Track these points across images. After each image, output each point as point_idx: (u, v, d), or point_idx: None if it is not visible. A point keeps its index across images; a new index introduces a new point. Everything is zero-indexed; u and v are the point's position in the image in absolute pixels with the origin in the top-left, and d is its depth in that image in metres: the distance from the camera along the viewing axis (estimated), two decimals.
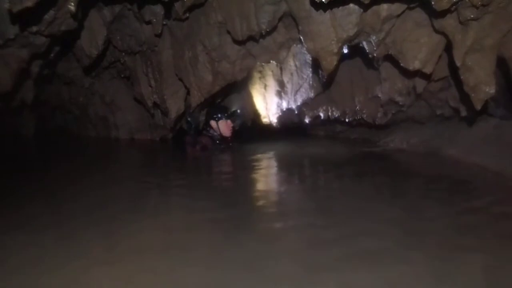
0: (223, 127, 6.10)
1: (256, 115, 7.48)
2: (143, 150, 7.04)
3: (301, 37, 4.22)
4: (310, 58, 5.67)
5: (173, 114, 6.00)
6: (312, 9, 3.92)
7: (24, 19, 3.83)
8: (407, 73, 4.64)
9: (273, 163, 5.35)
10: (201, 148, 6.08)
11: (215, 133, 6.18)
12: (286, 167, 5.04)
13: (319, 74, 5.84)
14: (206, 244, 2.34)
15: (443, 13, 3.45)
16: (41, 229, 2.61)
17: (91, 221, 2.75)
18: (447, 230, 2.44)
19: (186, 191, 3.68)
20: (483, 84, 3.57)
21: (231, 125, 6.14)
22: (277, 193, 3.75)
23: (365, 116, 6.04)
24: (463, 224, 2.55)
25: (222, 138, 6.17)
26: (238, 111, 6.66)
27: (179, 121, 6.68)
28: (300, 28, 4.15)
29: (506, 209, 2.85)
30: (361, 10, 3.84)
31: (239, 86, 6.44)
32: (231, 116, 6.29)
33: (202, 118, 6.47)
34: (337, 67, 4.37)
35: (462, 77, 3.67)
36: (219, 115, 6.07)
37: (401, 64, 4.30)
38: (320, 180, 4.33)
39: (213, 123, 6.10)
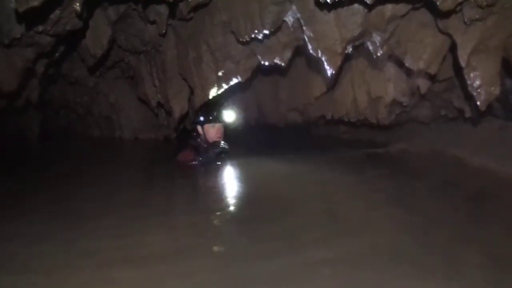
0: (211, 132, 4.93)
1: (260, 114, 7.49)
2: (148, 150, 7.06)
3: (305, 37, 4.23)
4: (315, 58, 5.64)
5: (177, 114, 6.00)
6: (317, 9, 3.92)
7: (30, 18, 3.85)
8: (411, 74, 4.63)
9: (279, 170, 4.88)
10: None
11: (202, 142, 4.98)
12: (289, 172, 4.79)
13: (323, 74, 5.82)
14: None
15: (447, 14, 3.45)
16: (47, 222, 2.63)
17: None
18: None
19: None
20: (487, 84, 3.56)
21: (221, 129, 4.98)
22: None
23: (368, 116, 6.03)
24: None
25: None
26: (224, 110, 5.38)
27: (183, 121, 6.69)
28: (304, 28, 4.15)
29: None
30: (366, 10, 3.84)
31: (243, 86, 6.40)
32: (217, 118, 5.05)
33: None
34: (341, 67, 4.38)
35: (466, 78, 3.66)
36: (202, 119, 4.98)
37: (406, 65, 4.30)
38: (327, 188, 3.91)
39: (199, 128, 5.00)
